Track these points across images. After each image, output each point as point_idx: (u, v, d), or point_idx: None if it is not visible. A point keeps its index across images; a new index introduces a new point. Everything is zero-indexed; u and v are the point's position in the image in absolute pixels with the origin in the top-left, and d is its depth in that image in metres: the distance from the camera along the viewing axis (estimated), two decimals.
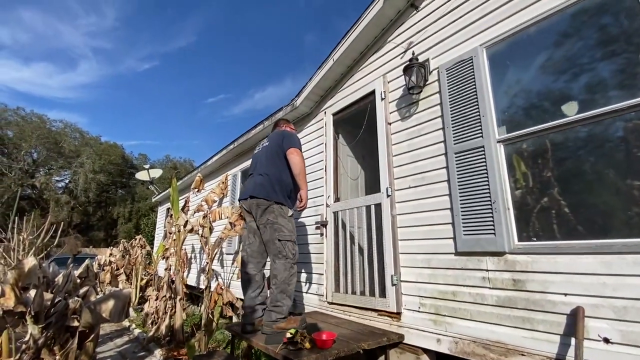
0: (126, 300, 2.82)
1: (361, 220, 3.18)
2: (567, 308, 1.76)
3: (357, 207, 3.23)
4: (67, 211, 31.08)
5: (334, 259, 3.41)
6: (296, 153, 2.78)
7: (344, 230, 3.40)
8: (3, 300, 2.43)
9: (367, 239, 3.07)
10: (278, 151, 2.85)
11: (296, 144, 2.86)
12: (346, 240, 3.34)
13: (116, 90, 68.67)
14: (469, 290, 2.20)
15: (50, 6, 51.65)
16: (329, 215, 3.57)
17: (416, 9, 2.98)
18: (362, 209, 3.17)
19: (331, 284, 3.35)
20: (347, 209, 3.39)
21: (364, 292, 3.01)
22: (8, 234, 4.06)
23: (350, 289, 3.15)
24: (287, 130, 3.13)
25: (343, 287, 3.24)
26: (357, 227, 3.26)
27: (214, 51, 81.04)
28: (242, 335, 2.70)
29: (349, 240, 3.32)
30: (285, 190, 2.76)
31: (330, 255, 3.45)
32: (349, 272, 3.20)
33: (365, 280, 3.02)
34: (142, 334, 5.21)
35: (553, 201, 1.97)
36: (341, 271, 3.30)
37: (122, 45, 63.64)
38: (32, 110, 33.36)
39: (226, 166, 6.56)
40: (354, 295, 3.07)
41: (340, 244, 3.40)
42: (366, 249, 3.09)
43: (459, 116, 2.44)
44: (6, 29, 49.27)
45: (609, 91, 1.84)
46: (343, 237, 3.39)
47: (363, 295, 2.98)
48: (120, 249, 9.00)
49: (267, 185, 2.73)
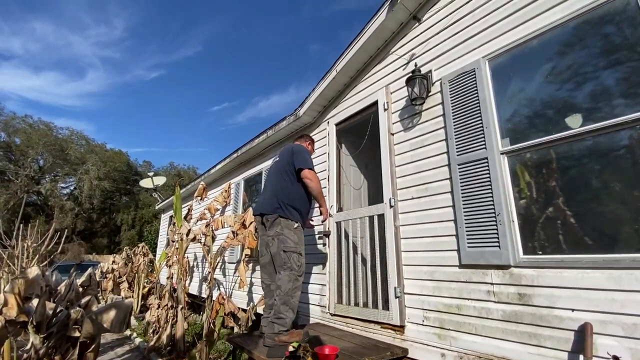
0: (128, 310, 2.80)
1: (364, 231, 3.16)
2: (574, 324, 1.73)
3: (360, 217, 3.22)
4: (71, 218, 31.23)
5: (336, 269, 3.38)
6: (310, 175, 2.84)
7: (347, 241, 3.38)
8: (6, 310, 2.43)
9: (370, 250, 3.04)
10: (286, 167, 2.92)
11: (306, 162, 2.89)
12: (349, 250, 3.32)
13: (123, 98, 69.84)
14: (473, 304, 2.17)
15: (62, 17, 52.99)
16: (331, 226, 3.55)
17: (418, 21, 3.01)
18: (365, 219, 3.16)
19: (334, 295, 3.31)
20: (350, 219, 3.37)
21: (366, 304, 2.97)
22: (12, 241, 4.08)
23: (353, 301, 3.11)
24: (297, 143, 3.21)
25: (346, 298, 3.21)
26: (359, 238, 3.24)
27: (220, 60, 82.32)
28: (243, 347, 2.67)
29: (352, 250, 3.29)
30: (292, 204, 2.81)
31: (333, 265, 3.42)
32: (352, 283, 3.17)
33: (368, 291, 2.99)
34: (144, 343, 5.17)
35: (558, 213, 1.95)
36: (344, 282, 3.27)
37: (129, 55, 64.96)
38: (39, 118, 33.96)
39: (229, 175, 6.58)
40: (356, 307, 3.04)
41: (343, 255, 3.37)
42: (369, 259, 3.06)
43: (462, 127, 2.44)
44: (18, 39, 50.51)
45: (613, 100, 1.83)
46: (346, 247, 3.36)
47: (366, 307, 2.95)
48: (123, 257, 9.00)
49: (274, 201, 2.82)
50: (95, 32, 55.82)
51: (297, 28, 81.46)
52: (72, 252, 24.68)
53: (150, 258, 8.82)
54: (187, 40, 71.68)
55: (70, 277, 2.93)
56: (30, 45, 52.33)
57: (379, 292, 2.85)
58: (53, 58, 55.85)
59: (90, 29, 54.93)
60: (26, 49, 51.91)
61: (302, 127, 4.47)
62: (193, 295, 6.92)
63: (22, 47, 51.16)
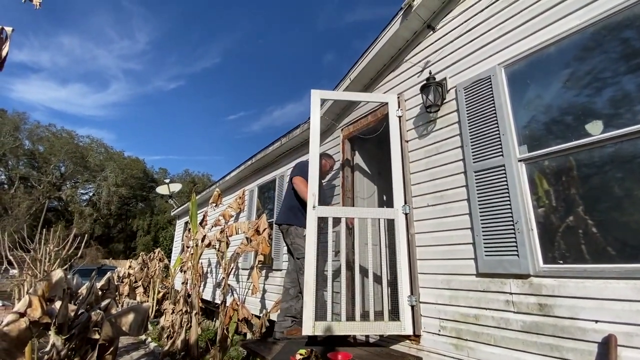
0: (145, 314, 2.86)
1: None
2: (598, 336, 1.67)
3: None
4: (89, 223, 32.12)
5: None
6: (297, 180, 3.34)
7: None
8: (30, 311, 2.52)
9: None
10: (289, 182, 3.53)
11: (300, 172, 3.36)
12: None
13: (143, 108, 72.36)
14: (492, 314, 2.12)
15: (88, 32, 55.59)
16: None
17: (433, 30, 3.02)
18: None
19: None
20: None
21: (381, 313, 2.93)
22: (35, 244, 4.24)
23: (361, 311, 3.07)
24: (299, 160, 3.71)
25: (359, 305, 3.17)
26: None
27: (236, 71, 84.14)
28: (257, 353, 2.68)
29: None
30: (297, 214, 3.30)
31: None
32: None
33: (383, 300, 2.95)
34: (158, 347, 5.24)
35: (579, 222, 1.90)
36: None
37: (151, 67, 67.53)
38: (62, 127, 35.26)
39: (244, 181, 6.67)
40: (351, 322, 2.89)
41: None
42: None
43: (478, 135, 2.42)
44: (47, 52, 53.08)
45: (635, 106, 1.79)
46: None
47: (380, 317, 2.90)
48: (139, 262, 9.17)
49: (285, 212, 3.40)
50: (119, 45, 58.44)
51: (311, 39, 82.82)
52: (90, 257, 25.32)
53: (166, 263, 8.97)
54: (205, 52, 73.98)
55: (91, 281, 3.02)
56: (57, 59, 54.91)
57: (384, 302, 2.73)
58: (79, 71, 58.59)
59: (114, 42, 57.56)
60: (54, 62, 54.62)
61: None
62: (206, 301, 6.98)
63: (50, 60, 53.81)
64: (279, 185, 5.21)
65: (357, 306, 2.70)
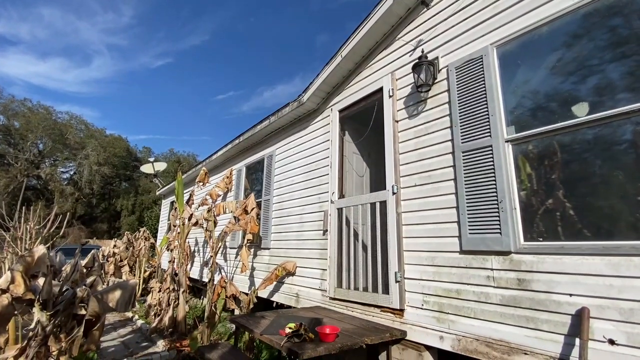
0: (132, 291, 2.85)
1: (365, 217, 3.19)
2: (572, 308, 1.77)
3: (362, 204, 3.24)
4: (71, 202, 31.30)
5: (337, 255, 3.42)
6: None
7: (348, 227, 3.41)
8: (13, 287, 2.47)
9: (371, 236, 3.08)
10: None
11: None
12: (350, 236, 3.36)
13: (129, 85, 68.99)
14: (473, 289, 2.21)
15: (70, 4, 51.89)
16: (332, 212, 3.58)
17: (426, 6, 2.96)
18: (366, 206, 3.18)
19: (334, 279, 3.37)
20: (351, 206, 3.39)
21: (366, 289, 3.02)
22: (15, 222, 4.11)
23: (353, 285, 3.16)
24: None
25: (346, 283, 3.26)
26: (361, 224, 3.27)
27: (226, 50, 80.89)
28: (245, 327, 2.73)
29: (353, 236, 3.33)
30: None
31: (333, 251, 3.47)
32: (352, 268, 3.21)
33: (368, 276, 3.04)
34: (145, 325, 5.27)
35: (560, 202, 1.97)
36: (344, 267, 3.32)
37: (137, 43, 63.83)
38: (38, 102, 33.58)
39: (231, 161, 6.58)
40: (356, 291, 3.09)
41: (343, 240, 3.41)
42: (370, 245, 3.10)
43: (467, 115, 2.43)
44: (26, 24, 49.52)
45: (617, 94, 1.83)
46: (347, 233, 3.40)
47: (366, 292, 3.00)
48: (124, 241, 9.07)
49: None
50: (103, 18, 54.87)
51: (304, 19, 79.91)
52: (73, 237, 24.86)
53: (152, 243, 8.89)
54: (195, 28, 70.45)
55: (75, 258, 2.96)
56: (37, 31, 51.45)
57: (379, 276, 2.89)
58: (60, 44, 55.00)
59: (98, 15, 54.02)
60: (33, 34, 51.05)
61: (305, 113, 4.45)
62: (194, 280, 7.01)
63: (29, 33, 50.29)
64: (267, 164, 5.16)
65: (360, 279, 3.12)
